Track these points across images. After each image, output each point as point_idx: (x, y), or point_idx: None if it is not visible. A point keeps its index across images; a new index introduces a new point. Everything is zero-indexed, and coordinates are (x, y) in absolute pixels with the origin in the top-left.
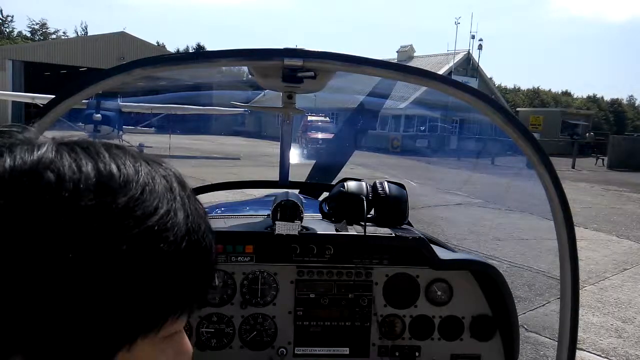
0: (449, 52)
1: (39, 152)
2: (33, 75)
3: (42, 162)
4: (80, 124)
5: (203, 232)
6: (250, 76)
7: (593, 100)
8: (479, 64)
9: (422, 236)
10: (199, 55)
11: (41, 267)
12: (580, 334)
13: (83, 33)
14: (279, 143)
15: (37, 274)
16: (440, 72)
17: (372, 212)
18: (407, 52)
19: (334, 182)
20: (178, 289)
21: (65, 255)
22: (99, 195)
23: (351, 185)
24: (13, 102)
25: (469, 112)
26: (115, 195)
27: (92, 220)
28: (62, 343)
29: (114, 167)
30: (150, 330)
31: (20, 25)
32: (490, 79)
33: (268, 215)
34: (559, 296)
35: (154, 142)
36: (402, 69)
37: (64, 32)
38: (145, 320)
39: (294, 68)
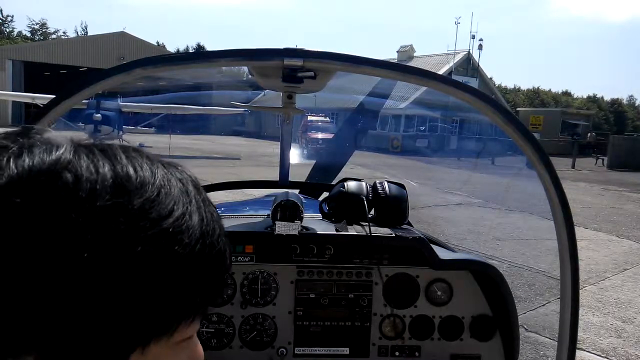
0: (449, 52)
1: (58, 153)
2: (33, 75)
3: (60, 163)
4: (81, 124)
5: (217, 235)
6: (250, 76)
7: (593, 100)
8: (479, 64)
9: (422, 236)
10: (199, 55)
11: (56, 266)
12: (580, 334)
13: (83, 33)
14: (279, 143)
15: (51, 273)
16: (440, 72)
17: (372, 212)
18: (407, 52)
19: (334, 182)
20: (192, 292)
21: (80, 255)
22: (115, 196)
23: (351, 185)
24: (13, 102)
25: (469, 112)
26: (131, 197)
27: (108, 221)
28: (75, 343)
29: (130, 169)
30: (163, 333)
31: (20, 25)
32: (490, 79)
33: (268, 215)
34: (559, 296)
35: (154, 142)
36: (402, 69)
37: (64, 32)
38: (158, 323)
39: (294, 68)
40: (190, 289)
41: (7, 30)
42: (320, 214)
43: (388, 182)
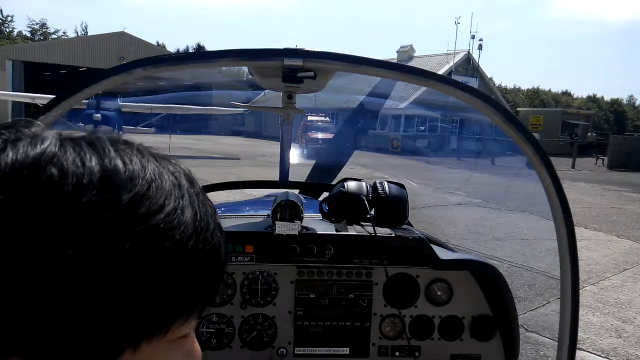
0: (449, 52)
1: (43, 146)
2: (33, 75)
3: (44, 156)
4: (80, 124)
5: (212, 231)
6: (250, 76)
7: (593, 100)
8: (479, 64)
9: (422, 236)
10: (199, 55)
11: (40, 265)
12: (580, 334)
13: (83, 33)
14: (279, 143)
15: (35, 271)
16: (440, 72)
17: (372, 212)
18: (407, 52)
19: (334, 182)
20: (185, 290)
21: (65, 253)
22: (103, 191)
23: (351, 185)
24: (13, 102)
25: (469, 112)
26: (119, 191)
27: (95, 217)
28: (61, 343)
29: (119, 163)
30: (156, 332)
31: (20, 25)
32: (490, 79)
33: (268, 215)
34: (559, 296)
35: (154, 142)
36: (402, 69)
37: (64, 32)
38: (150, 322)
39: (294, 68)
40: (183, 286)
41: (7, 30)
42: (320, 214)
43: (388, 182)
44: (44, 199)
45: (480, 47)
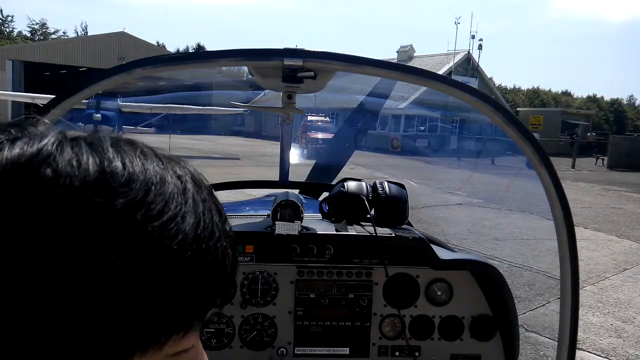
0: (449, 52)
1: (39, 145)
2: (33, 75)
3: (39, 156)
4: (80, 124)
5: (216, 240)
6: (250, 76)
7: (593, 100)
8: (479, 64)
9: (422, 236)
10: (199, 55)
11: (25, 270)
12: (580, 334)
13: (83, 33)
14: (279, 143)
15: (18, 278)
16: (440, 72)
17: (372, 212)
18: (407, 52)
19: (334, 182)
20: (180, 303)
21: (49, 260)
22: (96, 194)
23: (351, 185)
24: (13, 102)
25: (469, 112)
26: (114, 196)
27: (84, 223)
28: (42, 353)
29: (118, 164)
30: (148, 346)
31: (20, 25)
32: (490, 79)
33: (268, 215)
34: (559, 296)
35: (154, 142)
36: (402, 69)
37: (64, 32)
38: (141, 335)
39: (294, 68)
40: (179, 299)
41: (7, 30)
42: (320, 214)
43: (388, 182)
44: (32, 202)
45: (480, 47)
